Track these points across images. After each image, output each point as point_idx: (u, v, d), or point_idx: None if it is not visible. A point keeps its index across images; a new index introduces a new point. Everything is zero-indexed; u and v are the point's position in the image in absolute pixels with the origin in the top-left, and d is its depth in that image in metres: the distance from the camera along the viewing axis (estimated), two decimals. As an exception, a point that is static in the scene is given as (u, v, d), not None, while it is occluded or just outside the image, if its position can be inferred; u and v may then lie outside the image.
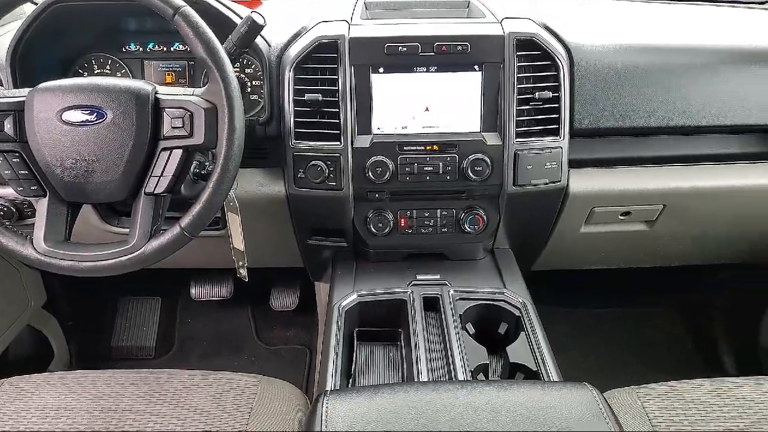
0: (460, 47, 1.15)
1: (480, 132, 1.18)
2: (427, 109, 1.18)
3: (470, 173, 1.17)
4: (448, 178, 1.19)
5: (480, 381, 0.94)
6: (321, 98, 1.15)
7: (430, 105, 1.18)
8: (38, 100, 0.92)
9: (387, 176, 1.17)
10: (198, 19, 0.92)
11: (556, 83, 1.17)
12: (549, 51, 1.17)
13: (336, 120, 1.16)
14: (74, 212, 1.02)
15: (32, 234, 0.97)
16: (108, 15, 1.27)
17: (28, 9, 1.18)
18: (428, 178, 1.18)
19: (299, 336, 2.02)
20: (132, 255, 0.94)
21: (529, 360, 1.02)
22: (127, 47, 1.31)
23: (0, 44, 1.19)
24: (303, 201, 1.23)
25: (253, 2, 1.41)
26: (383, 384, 1.03)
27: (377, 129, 1.18)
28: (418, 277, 1.23)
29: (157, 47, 1.31)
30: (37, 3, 1.15)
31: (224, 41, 1.01)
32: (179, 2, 0.91)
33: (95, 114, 0.92)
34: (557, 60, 1.17)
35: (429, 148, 1.18)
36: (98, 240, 1.00)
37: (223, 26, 1.11)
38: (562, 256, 1.51)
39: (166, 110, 0.93)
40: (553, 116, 1.18)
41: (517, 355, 1.03)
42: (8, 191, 1.21)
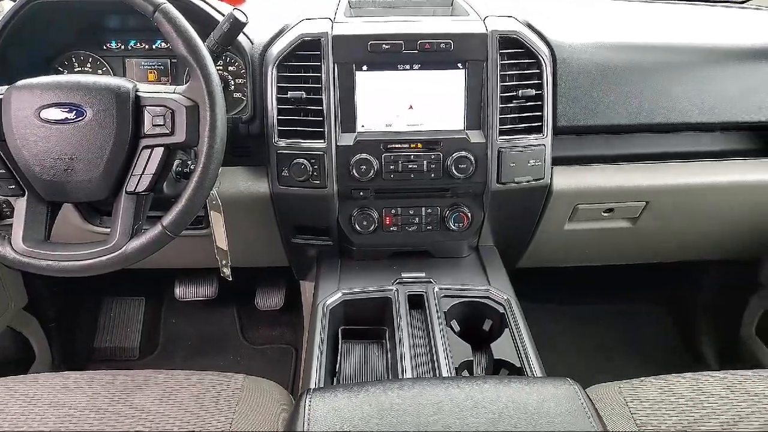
0: (444, 45, 1.15)
1: (464, 130, 1.18)
2: (411, 107, 1.18)
3: (454, 171, 1.17)
4: (433, 176, 1.19)
5: (462, 377, 0.94)
6: (304, 96, 1.14)
7: (414, 103, 1.18)
8: (16, 98, 0.91)
9: (371, 174, 1.17)
10: (179, 16, 0.91)
11: (539, 81, 1.18)
12: (532, 49, 1.17)
13: (320, 118, 1.16)
14: (54, 211, 1.00)
15: (10, 234, 0.95)
16: (88, 12, 1.26)
17: (7, 6, 1.16)
18: (412, 176, 1.19)
19: (285, 335, 2.02)
20: (113, 254, 0.93)
21: (513, 356, 1.02)
22: (108, 45, 1.29)
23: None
24: (287, 199, 1.23)
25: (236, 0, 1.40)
26: (366, 381, 1.03)
27: (361, 127, 1.18)
28: (403, 275, 1.23)
29: (139, 45, 1.30)
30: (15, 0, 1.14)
31: (206, 39, 1.01)
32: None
33: (75, 112, 0.91)
34: (540, 58, 1.17)
35: (413, 146, 1.18)
36: (80, 240, 0.98)
37: (205, 24, 1.11)
38: (547, 253, 1.52)
39: (147, 108, 0.92)
40: (537, 114, 1.19)
41: (502, 352, 1.04)
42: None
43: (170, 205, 0.95)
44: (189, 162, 1.08)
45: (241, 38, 1.16)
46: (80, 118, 0.91)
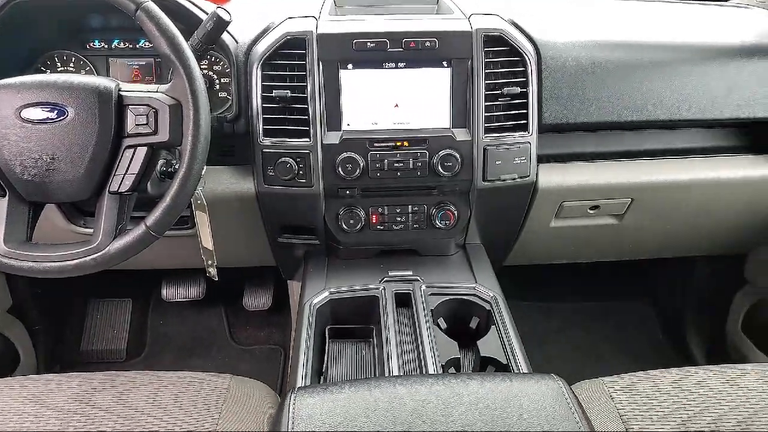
0: (429, 43, 1.15)
1: (449, 128, 1.19)
2: (397, 105, 1.18)
3: (440, 169, 1.17)
4: (419, 174, 1.19)
5: (448, 374, 0.94)
6: (289, 94, 1.14)
7: (400, 101, 1.18)
8: None
9: (357, 173, 1.17)
10: (161, 15, 0.91)
11: (524, 79, 1.18)
12: (516, 47, 1.17)
13: (305, 116, 1.15)
14: (36, 212, 0.99)
15: None
16: (71, 12, 1.25)
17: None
18: (399, 174, 1.19)
19: (273, 336, 2.01)
20: (96, 255, 0.92)
21: (500, 353, 1.03)
22: (91, 44, 1.28)
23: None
24: (273, 198, 1.22)
25: (221, -1, 1.39)
26: (352, 379, 1.03)
27: (347, 125, 1.18)
28: (390, 274, 1.22)
29: (123, 44, 1.29)
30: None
31: (190, 38, 1.00)
32: None
33: (56, 111, 0.90)
34: (525, 56, 1.18)
35: (399, 144, 1.18)
36: (64, 241, 0.98)
37: (189, 23, 1.10)
38: (534, 251, 1.52)
39: (130, 107, 0.92)
40: (522, 111, 1.19)
41: (488, 349, 1.04)
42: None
43: (155, 205, 0.94)
44: (173, 161, 1.08)
45: (226, 37, 1.16)
46: (62, 118, 0.90)
